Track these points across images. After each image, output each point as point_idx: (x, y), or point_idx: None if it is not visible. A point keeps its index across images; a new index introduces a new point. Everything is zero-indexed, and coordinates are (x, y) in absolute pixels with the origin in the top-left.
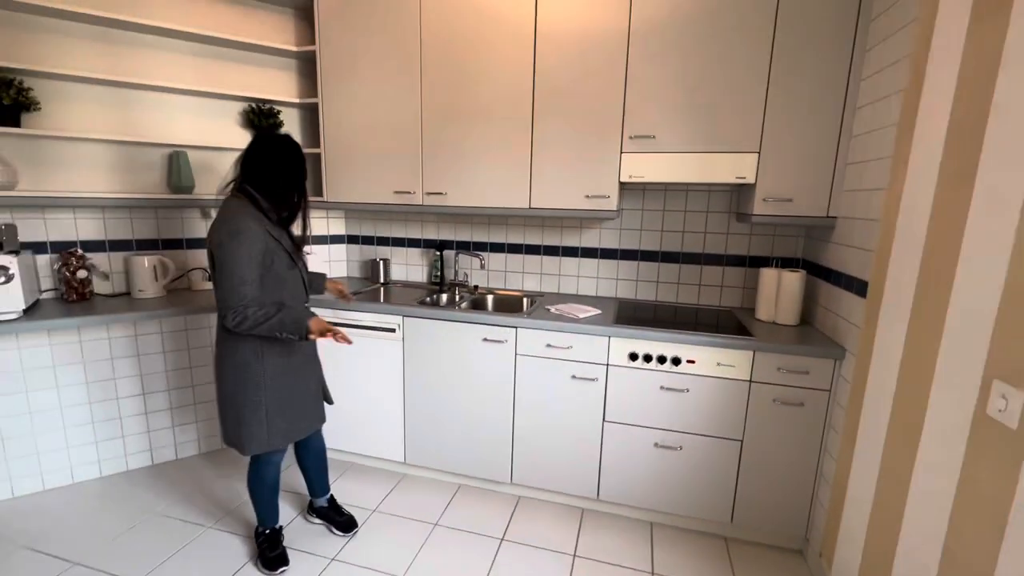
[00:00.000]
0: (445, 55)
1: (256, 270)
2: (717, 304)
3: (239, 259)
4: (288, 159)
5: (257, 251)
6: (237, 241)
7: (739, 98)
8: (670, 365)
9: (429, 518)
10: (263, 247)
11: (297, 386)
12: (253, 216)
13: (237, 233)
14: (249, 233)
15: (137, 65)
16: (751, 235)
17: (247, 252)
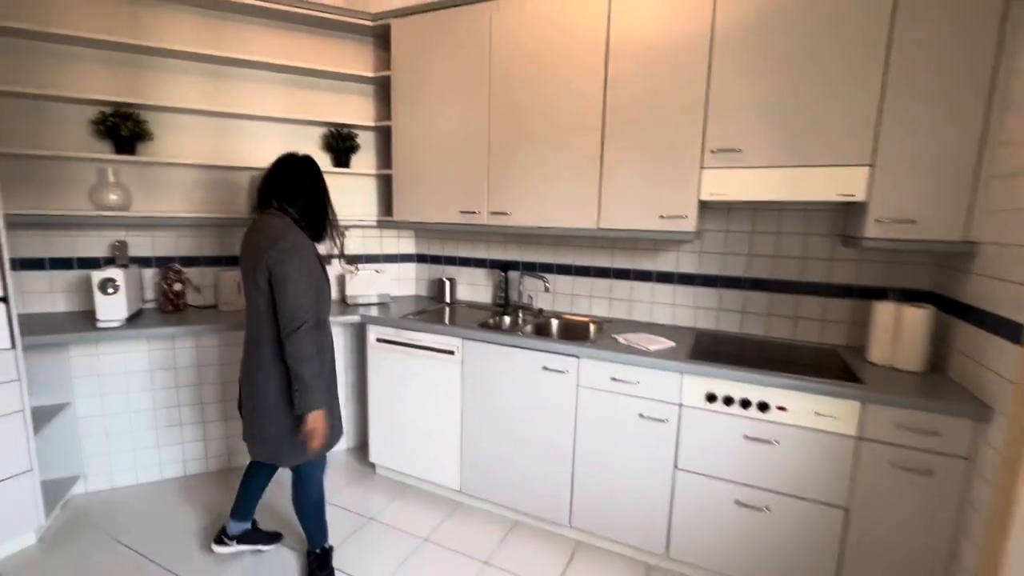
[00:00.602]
0: (513, 71)
1: (313, 286)
2: (817, 341)
3: (303, 273)
4: (315, 178)
5: (312, 264)
6: (298, 257)
7: (845, 101)
8: (755, 411)
9: (479, 555)
10: (314, 265)
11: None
12: (298, 232)
13: (295, 248)
14: (304, 247)
15: (233, 96)
16: (861, 261)
17: (306, 266)
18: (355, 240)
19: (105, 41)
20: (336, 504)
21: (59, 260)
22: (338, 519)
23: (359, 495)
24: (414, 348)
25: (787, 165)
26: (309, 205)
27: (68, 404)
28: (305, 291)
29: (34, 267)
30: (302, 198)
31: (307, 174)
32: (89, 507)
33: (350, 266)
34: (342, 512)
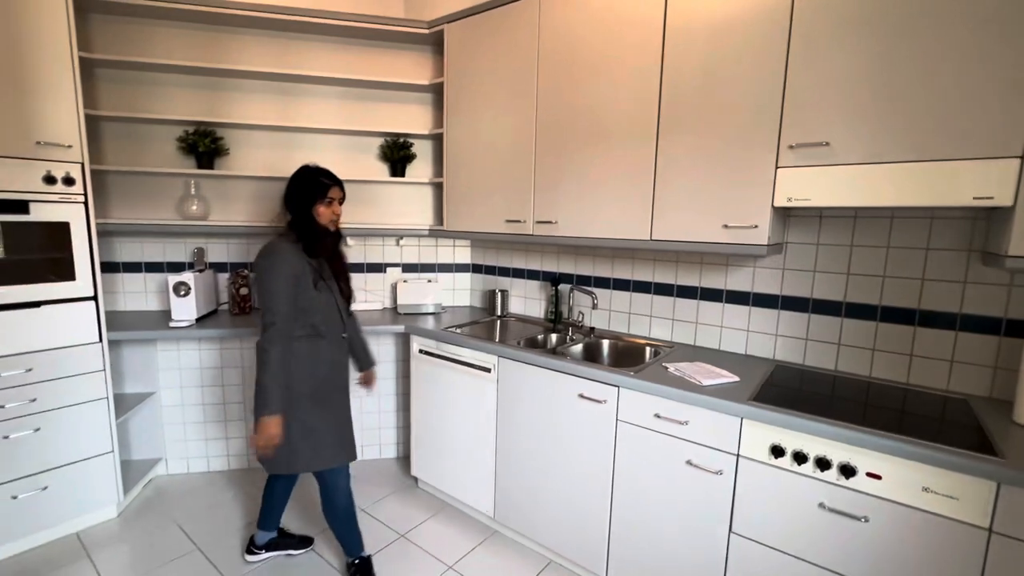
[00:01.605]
0: (560, 70)
1: (288, 290)
2: (943, 388)
3: (274, 277)
4: (298, 187)
5: (290, 271)
6: (272, 261)
7: (975, 76)
8: (837, 474)
9: None
10: (292, 270)
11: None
12: (288, 244)
13: (269, 254)
14: (281, 254)
15: (297, 111)
16: (1011, 286)
17: (280, 272)
18: (411, 249)
19: (188, 67)
20: (372, 515)
21: (153, 264)
22: (373, 531)
23: (397, 508)
24: (453, 362)
25: (895, 161)
26: (295, 216)
27: (154, 393)
28: (275, 295)
29: (133, 270)
30: (290, 210)
31: (291, 184)
32: (167, 488)
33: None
34: (377, 525)
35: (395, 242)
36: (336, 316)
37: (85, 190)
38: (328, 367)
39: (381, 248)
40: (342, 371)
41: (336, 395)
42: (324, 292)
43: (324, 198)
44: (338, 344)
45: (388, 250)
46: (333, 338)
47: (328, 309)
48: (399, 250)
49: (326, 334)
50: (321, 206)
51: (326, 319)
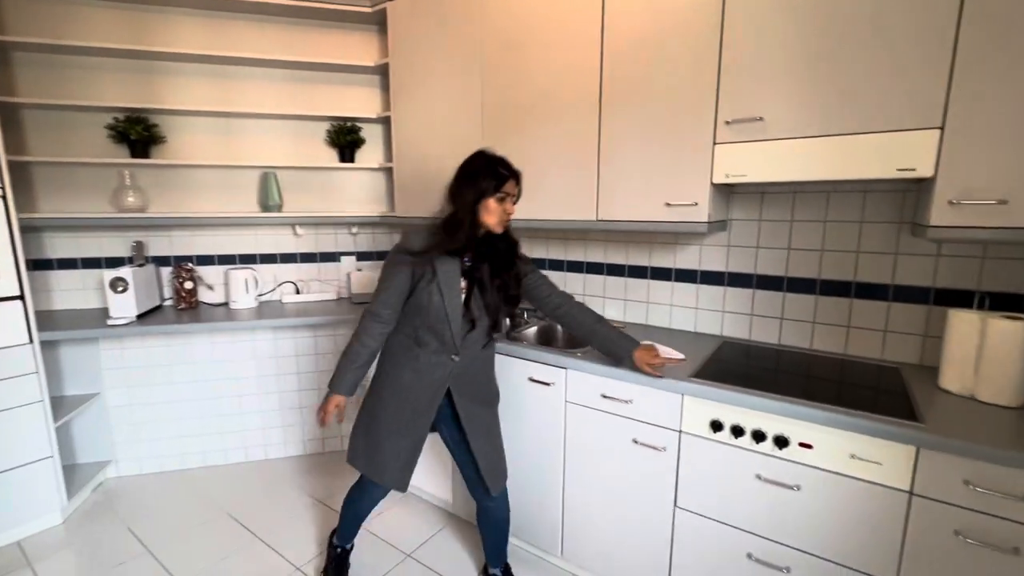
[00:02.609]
0: (505, 48)
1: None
2: (877, 357)
3: (386, 266)
4: (459, 175)
5: (401, 263)
6: (393, 249)
7: (903, 45)
8: (771, 446)
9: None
10: (409, 265)
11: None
12: (426, 235)
13: (399, 242)
14: (401, 248)
15: (238, 95)
16: (939, 256)
17: (392, 262)
18: (366, 237)
19: (116, 49)
20: (330, 507)
21: (90, 260)
22: (332, 522)
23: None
24: None
25: (824, 134)
26: (456, 210)
27: (98, 394)
28: (380, 281)
29: (68, 267)
30: (453, 202)
31: (460, 173)
32: (118, 491)
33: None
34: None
35: (348, 230)
36: (445, 331)
37: (1, 183)
38: (414, 380)
39: (334, 237)
40: (431, 394)
41: (413, 417)
42: (436, 296)
43: (497, 192)
44: (439, 363)
45: (341, 238)
46: (434, 353)
47: (436, 317)
48: (353, 238)
49: (425, 345)
50: (492, 200)
51: (431, 329)
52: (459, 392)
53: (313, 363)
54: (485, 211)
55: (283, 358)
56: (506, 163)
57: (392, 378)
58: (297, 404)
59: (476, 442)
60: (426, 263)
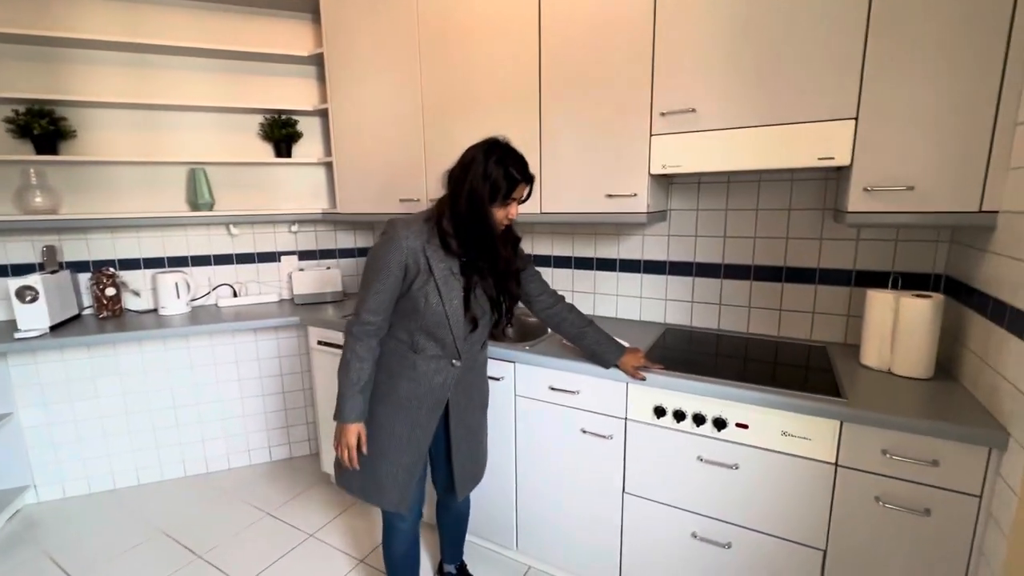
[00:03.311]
0: (442, 38)
1: (389, 284)
2: (806, 338)
3: (371, 263)
4: (467, 165)
5: (393, 261)
6: (377, 243)
7: (821, 42)
8: (711, 428)
9: None
10: (401, 259)
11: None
12: (418, 229)
13: (382, 235)
14: (392, 240)
15: (160, 86)
16: (859, 240)
17: (381, 258)
18: (307, 235)
19: (14, 35)
20: (279, 517)
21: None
22: (280, 534)
23: (307, 507)
24: None
25: (752, 125)
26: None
27: (10, 414)
28: (367, 283)
29: None
30: (455, 191)
31: (469, 163)
32: (38, 518)
33: (299, 262)
34: (284, 527)
35: (288, 228)
36: (446, 334)
37: None
38: (412, 390)
39: (273, 236)
40: (432, 404)
41: (413, 431)
42: (434, 297)
43: (507, 199)
44: (439, 370)
45: (281, 237)
46: (433, 359)
47: (435, 322)
48: (293, 237)
49: (422, 350)
50: (498, 207)
51: (429, 333)
52: (456, 399)
53: (256, 368)
54: (490, 214)
55: (222, 365)
56: (523, 164)
57: (386, 390)
58: (240, 412)
59: (459, 450)
60: (421, 260)
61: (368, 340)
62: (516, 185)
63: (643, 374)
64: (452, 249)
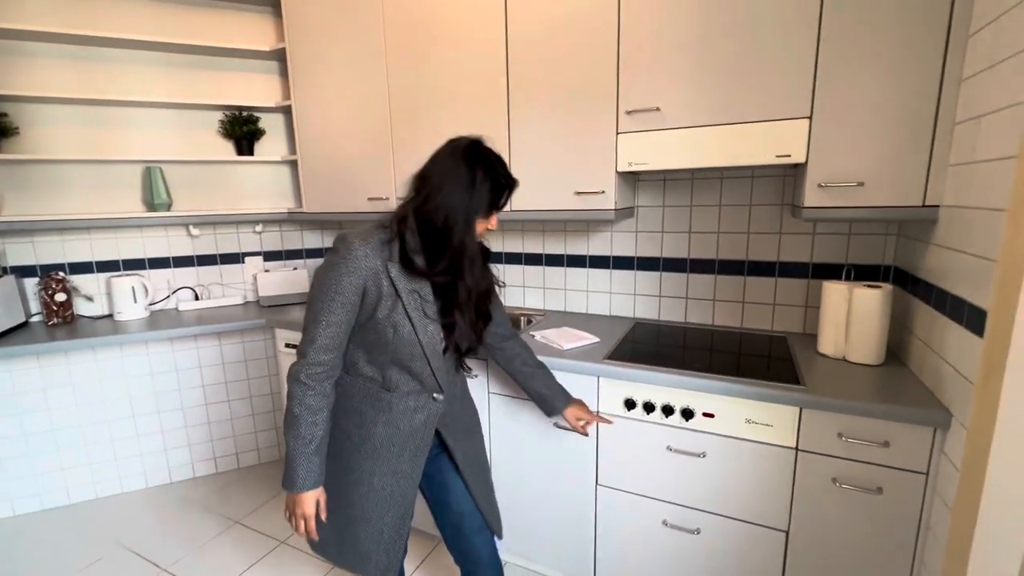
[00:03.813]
0: (409, 36)
1: (344, 314)
2: (768, 328)
3: (319, 289)
4: (444, 167)
5: (347, 285)
6: (326, 264)
7: (779, 44)
8: (679, 419)
9: None
10: (358, 282)
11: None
12: (377, 244)
13: (332, 253)
14: (346, 258)
15: (111, 81)
16: (815, 234)
17: (332, 283)
18: (272, 235)
19: None
20: (249, 525)
21: None
22: (249, 543)
23: (275, 515)
24: None
25: (714, 124)
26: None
27: None
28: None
29: None
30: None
31: (448, 165)
32: None
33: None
34: (254, 535)
35: (252, 228)
36: (423, 368)
37: None
38: (391, 435)
39: (236, 236)
40: (416, 446)
41: (396, 481)
42: (405, 326)
43: (495, 210)
44: (419, 407)
45: (245, 238)
46: (410, 395)
47: (409, 353)
48: (258, 237)
49: (395, 388)
50: (480, 219)
51: (402, 367)
52: (452, 433)
53: (220, 373)
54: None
55: (185, 371)
56: (506, 169)
57: (358, 439)
58: (205, 420)
59: (477, 488)
60: (384, 282)
61: (320, 385)
62: (503, 193)
63: (588, 430)
64: (416, 268)
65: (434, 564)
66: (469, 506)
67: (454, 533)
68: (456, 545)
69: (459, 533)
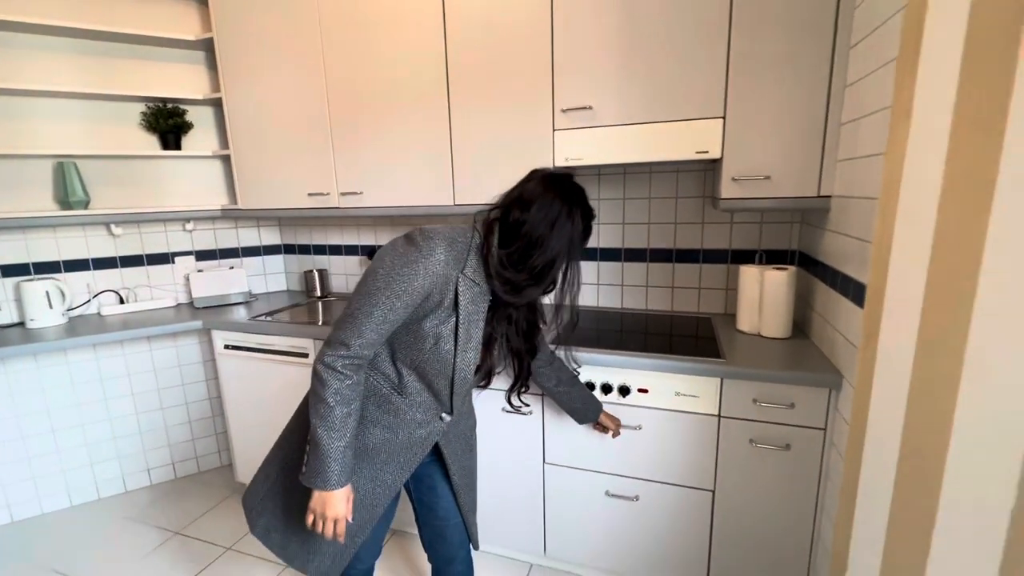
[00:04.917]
0: (347, 31)
1: (402, 314)
2: (695, 311)
3: (384, 279)
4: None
5: (421, 292)
6: (400, 253)
7: (695, 49)
8: (617, 395)
9: None
10: (429, 285)
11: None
12: (458, 254)
13: (411, 243)
14: (427, 255)
15: (13, 68)
16: (732, 224)
17: (402, 277)
18: (205, 234)
19: None
20: (192, 535)
21: None
22: (193, 553)
23: (220, 522)
24: (266, 353)
25: (641, 122)
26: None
27: None
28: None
29: None
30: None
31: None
32: None
33: (197, 263)
34: (198, 545)
35: (181, 227)
36: (444, 387)
37: None
38: (386, 440)
39: (164, 235)
40: (404, 461)
41: (373, 490)
42: (448, 343)
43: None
44: (424, 423)
45: (173, 236)
46: (419, 408)
47: (437, 370)
48: (189, 236)
49: (408, 395)
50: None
51: (422, 376)
52: (449, 447)
53: (152, 380)
54: None
55: (111, 379)
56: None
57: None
58: (136, 430)
59: (464, 498)
60: (448, 294)
61: (356, 375)
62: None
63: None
64: (488, 289)
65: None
66: (455, 517)
67: (434, 537)
68: (434, 547)
69: (440, 537)
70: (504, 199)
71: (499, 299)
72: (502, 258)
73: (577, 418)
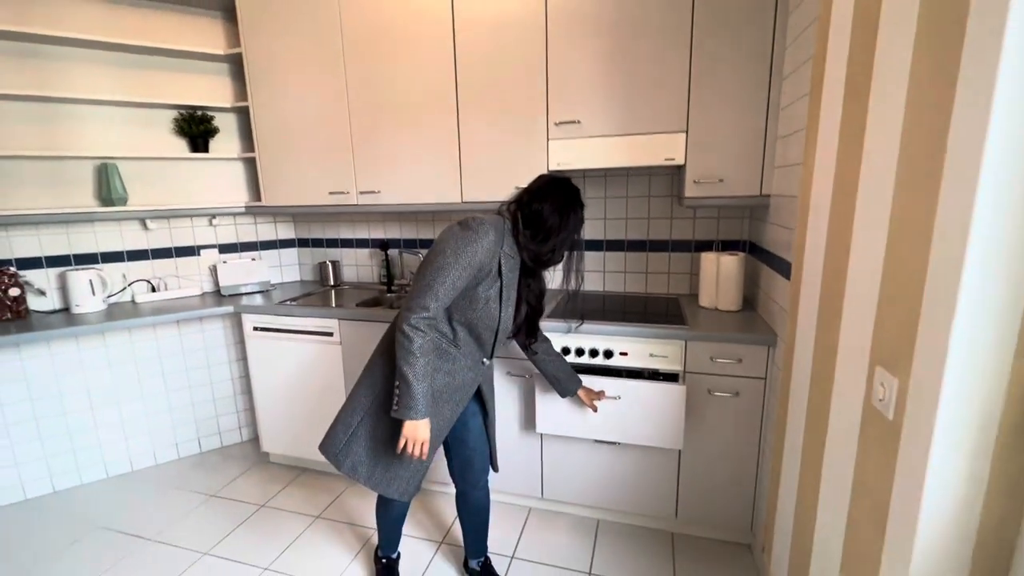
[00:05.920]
0: (366, 49)
1: (466, 280)
2: (665, 292)
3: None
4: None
5: (474, 260)
6: (462, 235)
7: (662, 76)
8: (602, 358)
9: (372, 523)
10: (482, 259)
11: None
12: (500, 233)
13: (468, 229)
14: (480, 237)
15: (61, 79)
16: (695, 219)
17: (464, 252)
18: (227, 229)
19: None
20: (227, 496)
21: None
22: (230, 510)
23: (250, 486)
24: (292, 333)
25: (620, 134)
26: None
27: None
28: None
29: None
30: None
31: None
32: None
33: (221, 255)
34: (233, 504)
35: (207, 222)
36: (489, 337)
37: None
38: (447, 384)
39: (191, 230)
40: (458, 401)
41: (436, 424)
42: (495, 303)
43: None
44: (471, 367)
45: (200, 231)
46: (469, 356)
47: (486, 325)
48: (213, 230)
49: (461, 346)
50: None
51: (472, 330)
52: (486, 386)
53: (181, 361)
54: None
55: (144, 361)
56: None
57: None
58: (166, 407)
59: (492, 428)
60: (495, 263)
61: (432, 332)
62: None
63: (596, 406)
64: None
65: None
66: (483, 446)
67: (464, 465)
68: (462, 473)
69: (468, 465)
70: (522, 195)
71: (524, 269)
72: (528, 237)
73: (559, 389)
